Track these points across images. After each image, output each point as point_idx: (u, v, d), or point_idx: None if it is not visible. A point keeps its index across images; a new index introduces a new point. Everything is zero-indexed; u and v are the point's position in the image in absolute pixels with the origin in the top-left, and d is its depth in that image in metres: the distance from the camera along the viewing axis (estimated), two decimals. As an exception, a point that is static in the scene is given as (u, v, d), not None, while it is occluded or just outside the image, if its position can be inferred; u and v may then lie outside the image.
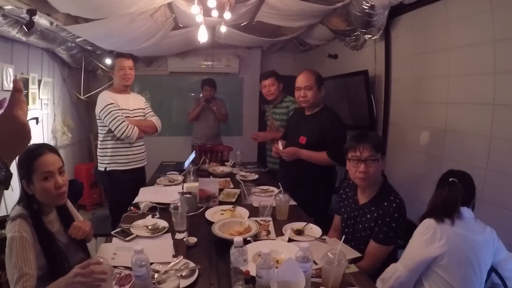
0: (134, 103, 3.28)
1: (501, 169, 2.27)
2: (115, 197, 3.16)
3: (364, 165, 1.96)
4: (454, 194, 1.67)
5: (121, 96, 3.17)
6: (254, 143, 4.39)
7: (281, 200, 2.26)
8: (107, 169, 3.13)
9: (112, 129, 3.02)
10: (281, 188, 2.36)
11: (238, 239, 1.41)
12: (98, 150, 3.21)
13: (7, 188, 0.77)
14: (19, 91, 0.79)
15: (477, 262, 1.60)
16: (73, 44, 4.20)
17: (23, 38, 3.29)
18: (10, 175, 0.76)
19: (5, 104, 0.78)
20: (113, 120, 2.99)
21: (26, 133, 0.80)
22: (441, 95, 2.80)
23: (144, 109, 3.36)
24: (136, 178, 3.22)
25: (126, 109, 3.14)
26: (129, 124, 3.05)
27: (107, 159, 3.13)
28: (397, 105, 3.46)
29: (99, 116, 3.07)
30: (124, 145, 3.14)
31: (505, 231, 2.09)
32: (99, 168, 3.20)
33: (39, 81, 4.13)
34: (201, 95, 4.94)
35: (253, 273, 1.37)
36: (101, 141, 3.15)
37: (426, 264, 1.65)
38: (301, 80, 2.86)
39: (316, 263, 1.62)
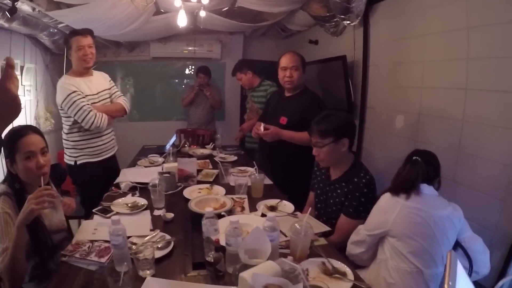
0: (98, 84, 2.93)
1: (471, 151, 2.35)
2: (87, 190, 2.87)
3: (315, 149, 2.11)
4: (415, 172, 1.75)
5: (83, 80, 2.80)
6: (237, 127, 4.50)
7: (256, 178, 2.35)
8: (78, 162, 2.85)
9: (79, 121, 2.70)
10: (255, 167, 2.44)
11: (208, 209, 1.49)
12: (64, 142, 2.88)
13: None
14: (12, 67, 0.89)
15: (435, 236, 1.66)
16: (55, 30, 4.18)
17: (6, 25, 3.27)
18: (1, 142, 0.85)
19: None
20: (79, 110, 2.66)
21: (17, 104, 0.89)
22: (417, 80, 2.88)
23: (109, 89, 3.03)
24: (109, 168, 2.99)
25: (90, 95, 2.80)
26: (97, 112, 2.74)
27: (76, 152, 2.84)
28: (374, 89, 3.54)
29: (61, 107, 2.73)
30: (93, 135, 2.84)
31: (475, 211, 2.21)
32: (67, 161, 2.91)
33: (22, 67, 4.12)
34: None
35: (223, 242, 1.45)
36: (67, 133, 2.83)
37: (381, 232, 1.76)
38: (288, 61, 2.87)
39: (286, 236, 1.72)
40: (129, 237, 1.65)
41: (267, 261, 1.29)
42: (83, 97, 2.70)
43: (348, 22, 3.42)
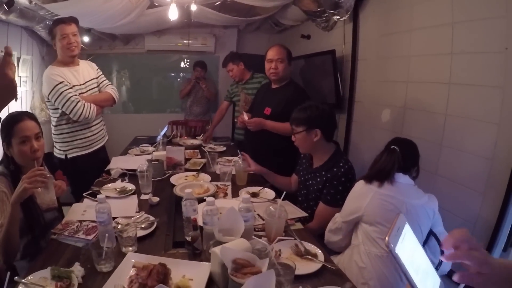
0: (85, 74, 2.86)
1: (454, 145, 2.39)
2: (78, 183, 2.71)
3: (293, 135, 2.26)
4: (391, 162, 1.79)
5: (70, 70, 2.73)
6: (229, 119, 4.61)
7: (240, 167, 2.44)
8: (68, 156, 2.80)
9: (67, 112, 2.64)
10: (239, 155, 2.54)
11: (188, 191, 1.59)
12: (53, 135, 2.84)
13: None
14: (10, 55, 1.05)
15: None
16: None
17: (3, 17, 3.29)
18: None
19: None
20: (66, 102, 2.59)
21: (13, 88, 1.05)
22: (402, 75, 2.92)
23: (97, 78, 2.97)
24: (99, 160, 2.96)
25: (77, 85, 2.74)
26: (85, 103, 2.67)
27: (65, 145, 2.79)
28: (362, 83, 3.59)
29: (48, 99, 2.68)
30: (82, 126, 2.79)
31: (456, 203, 2.26)
32: (57, 155, 2.85)
33: (18, 59, 4.17)
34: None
35: (201, 223, 1.55)
36: (55, 126, 2.78)
37: (355, 217, 1.83)
38: (273, 53, 2.97)
39: (263, 219, 1.80)
40: (115, 218, 1.76)
41: (239, 238, 1.39)
42: (70, 88, 2.64)
43: (337, 17, 3.46)
